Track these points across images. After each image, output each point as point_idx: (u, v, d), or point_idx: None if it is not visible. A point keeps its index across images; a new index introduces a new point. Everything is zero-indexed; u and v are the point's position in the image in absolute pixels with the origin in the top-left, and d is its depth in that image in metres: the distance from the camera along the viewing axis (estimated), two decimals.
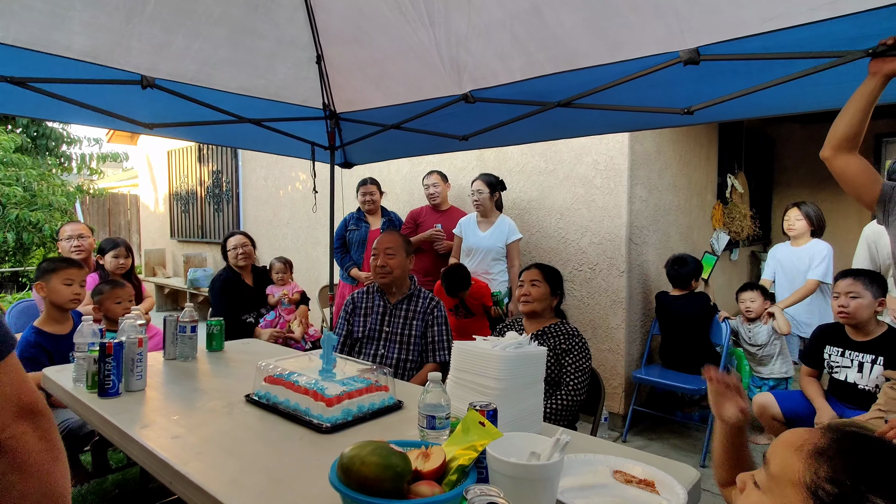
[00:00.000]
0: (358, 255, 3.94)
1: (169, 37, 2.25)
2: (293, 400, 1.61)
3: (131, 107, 2.53)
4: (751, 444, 3.06)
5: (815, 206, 3.68)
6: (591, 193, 3.64)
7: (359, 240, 3.94)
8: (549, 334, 2.21)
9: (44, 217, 6.24)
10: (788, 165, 6.98)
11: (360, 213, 4.04)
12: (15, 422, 0.68)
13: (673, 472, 1.24)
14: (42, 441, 0.71)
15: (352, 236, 3.97)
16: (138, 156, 9.47)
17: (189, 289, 6.88)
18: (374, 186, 4.01)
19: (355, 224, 3.99)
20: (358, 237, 3.94)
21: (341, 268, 4.00)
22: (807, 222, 3.60)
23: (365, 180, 4.04)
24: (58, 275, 2.32)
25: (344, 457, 1.00)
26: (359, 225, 3.98)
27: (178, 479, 1.24)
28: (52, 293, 2.33)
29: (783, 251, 3.78)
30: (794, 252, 3.67)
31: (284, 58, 2.62)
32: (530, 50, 2.10)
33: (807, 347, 2.75)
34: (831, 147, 1.63)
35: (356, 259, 3.95)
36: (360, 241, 3.94)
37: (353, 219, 4.01)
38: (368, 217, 4.02)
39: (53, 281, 2.31)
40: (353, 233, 3.97)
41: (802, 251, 3.60)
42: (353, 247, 3.97)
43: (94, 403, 1.69)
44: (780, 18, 1.60)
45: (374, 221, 4.02)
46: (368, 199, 3.98)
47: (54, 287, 2.32)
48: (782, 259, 3.75)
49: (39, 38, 2.00)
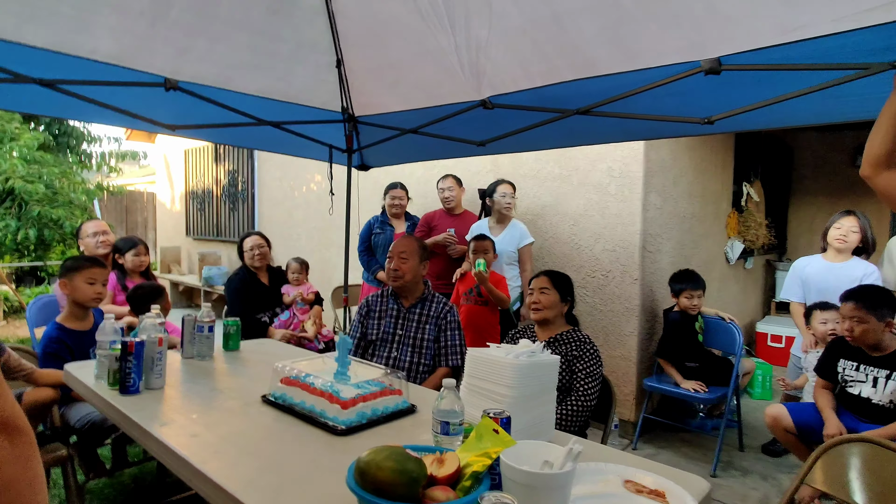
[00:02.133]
0: (384, 259, 3.97)
1: (192, 40, 2.29)
2: (309, 402, 1.63)
3: (154, 108, 2.58)
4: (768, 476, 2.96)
5: (867, 218, 3.16)
6: (606, 200, 3.64)
7: (384, 243, 3.96)
8: (561, 341, 2.22)
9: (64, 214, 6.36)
10: (806, 174, 6.91)
11: (384, 216, 4.07)
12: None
13: (684, 483, 1.24)
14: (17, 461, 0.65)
15: (377, 239, 4.00)
16: (156, 154, 9.61)
17: (203, 286, 6.96)
18: (402, 191, 4.06)
19: (380, 227, 4.02)
20: (383, 240, 3.96)
21: (367, 270, 4.03)
22: (860, 237, 3.08)
23: (394, 184, 4.08)
24: (81, 273, 2.38)
25: (361, 461, 1.02)
26: (384, 228, 4.01)
27: (198, 476, 1.27)
28: (76, 291, 2.38)
29: (815, 267, 3.23)
30: (831, 269, 3.14)
31: (304, 61, 2.65)
32: (550, 56, 2.10)
33: (822, 359, 2.68)
34: (870, 166, 1.56)
35: (382, 262, 3.98)
36: (386, 244, 3.95)
37: (378, 222, 4.05)
38: (393, 220, 4.06)
39: (77, 279, 2.37)
40: (378, 236, 4.00)
41: (844, 270, 3.09)
42: (378, 250, 3.99)
43: (116, 400, 1.73)
44: (803, 29, 1.59)
45: (399, 225, 4.06)
46: (397, 202, 4.02)
47: (77, 285, 2.37)
48: (813, 276, 3.21)
49: (67, 41, 2.05)
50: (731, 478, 3.07)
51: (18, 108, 2.61)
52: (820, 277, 3.19)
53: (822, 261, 3.25)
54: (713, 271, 4.77)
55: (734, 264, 5.19)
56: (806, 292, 3.28)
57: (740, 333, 3.43)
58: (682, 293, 3.44)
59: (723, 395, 3.27)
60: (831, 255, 3.21)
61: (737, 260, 5.14)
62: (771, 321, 5.51)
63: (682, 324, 3.44)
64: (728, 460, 3.28)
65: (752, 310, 5.91)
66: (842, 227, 3.14)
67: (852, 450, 1.57)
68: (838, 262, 3.16)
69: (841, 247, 3.13)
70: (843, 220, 3.16)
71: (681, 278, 3.50)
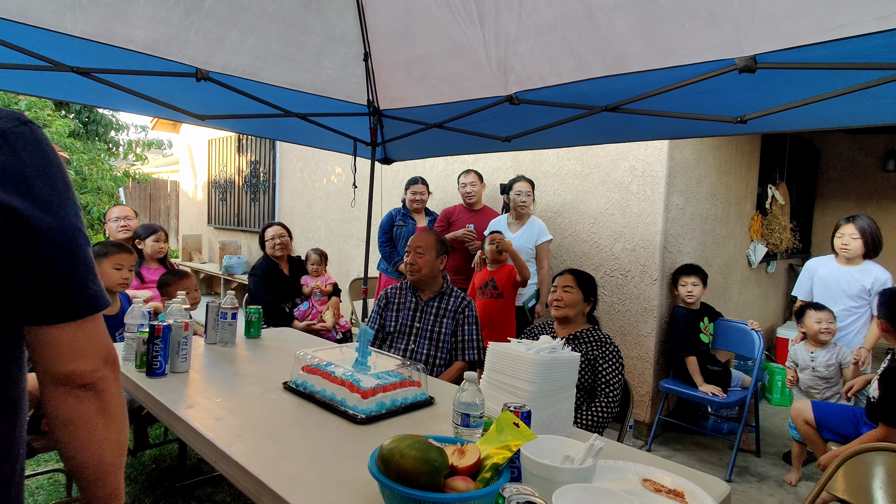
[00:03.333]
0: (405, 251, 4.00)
1: (224, 31, 2.33)
2: (329, 390, 1.66)
3: (184, 98, 2.63)
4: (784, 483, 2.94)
5: (871, 220, 3.15)
6: (627, 199, 3.61)
7: (406, 235, 3.98)
8: (581, 340, 2.22)
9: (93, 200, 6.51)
10: (833, 177, 6.77)
11: (405, 209, 4.10)
12: (104, 366, 0.76)
13: (702, 485, 1.24)
14: (118, 388, 0.79)
15: (399, 232, 4.03)
16: (180, 143, 9.76)
17: (224, 275, 7.07)
18: (423, 186, 4.08)
19: (402, 220, 4.05)
20: (406, 233, 3.99)
21: (388, 262, 4.06)
22: (862, 242, 3.10)
23: (416, 179, 4.10)
24: (109, 259, 2.44)
25: (384, 448, 1.04)
26: (406, 221, 4.04)
27: (223, 458, 1.30)
28: (103, 276, 2.43)
29: (828, 269, 3.26)
30: (842, 273, 3.17)
31: (333, 54, 2.68)
32: (580, 52, 2.09)
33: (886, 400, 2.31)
34: None
35: (402, 254, 4.00)
36: (408, 236, 3.97)
37: (400, 214, 4.08)
38: (414, 215, 4.09)
39: (105, 264, 2.43)
40: (400, 228, 4.03)
41: (855, 274, 3.13)
42: (399, 242, 4.02)
43: (143, 382, 1.78)
44: (845, 27, 1.54)
45: (420, 219, 4.09)
46: (418, 197, 4.04)
47: (105, 270, 2.43)
48: (826, 278, 3.24)
49: (103, 30, 2.10)
50: (747, 483, 3.04)
51: (54, 95, 2.68)
52: (830, 278, 3.22)
53: (835, 264, 3.25)
54: (734, 274, 4.71)
55: (756, 268, 5.12)
56: (815, 290, 3.30)
57: (761, 339, 3.39)
58: (678, 282, 3.48)
59: (739, 401, 3.24)
60: (842, 260, 3.22)
61: (759, 263, 5.06)
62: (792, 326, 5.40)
63: (687, 319, 3.44)
64: (744, 465, 3.25)
65: (772, 314, 5.83)
66: (843, 236, 3.16)
67: (876, 458, 1.55)
68: (850, 267, 3.17)
69: (846, 255, 3.16)
70: (843, 228, 3.17)
71: (682, 270, 3.53)
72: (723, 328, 3.60)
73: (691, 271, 3.48)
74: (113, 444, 0.78)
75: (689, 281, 3.43)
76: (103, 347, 0.76)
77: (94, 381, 0.75)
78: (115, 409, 0.78)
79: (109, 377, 0.77)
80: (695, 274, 3.46)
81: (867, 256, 3.15)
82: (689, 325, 3.43)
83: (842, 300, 3.16)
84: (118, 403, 0.79)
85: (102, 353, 0.76)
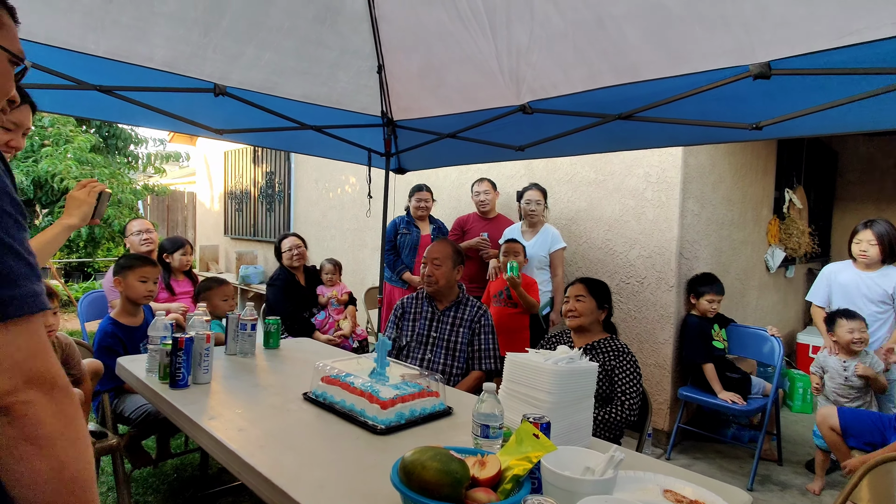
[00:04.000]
0: (410, 259, 4.01)
1: (241, 48, 2.38)
2: (349, 401, 1.68)
3: (203, 113, 2.68)
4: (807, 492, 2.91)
5: (889, 224, 3.10)
6: (642, 206, 3.60)
7: (411, 244, 4.01)
8: (599, 349, 2.21)
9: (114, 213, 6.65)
10: (852, 180, 6.67)
11: (409, 217, 4.11)
12: (25, 388, 0.66)
13: (724, 495, 1.23)
14: (57, 416, 0.68)
15: (403, 240, 4.04)
16: (197, 156, 9.91)
17: (241, 285, 7.15)
18: (428, 193, 4.09)
19: (406, 228, 4.05)
20: (410, 241, 4.01)
21: (392, 271, 4.07)
22: (879, 248, 3.06)
23: (420, 187, 4.10)
24: (135, 272, 2.49)
25: (406, 460, 1.05)
26: (410, 229, 4.05)
27: (247, 469, 1.32)
28: (129, 289, 2.49)
29: (847, 276, 3.22)
30: (862, 278, 3.13)
31: (347, 67, 2.72)
32: (592, 61, 2.10)
33: None
34: None
35: (408, 263, 4.02)
36: (413, 245, 4.00)
37: (404, 222, 4.08)
38: (418, 222, 4.10)
39: (130, 277, 2.48)
40: (404, 237, 4.03)
41: (876, 279, 3.09)
42: (404, 250, 4.03)
43: (166, 393, 1.81)
44: (861, 32, 1.53)
45: (424, 227, 4.09)
46: (423, 205, 4.05)
47: (131, 283, 2.48)
48: (846, 284, 3.20)
49: (125, 50, 2.16)
50: (769, 492, 2.99)
51: (79, 112, 2.76)
52: (850, 284, 3.18)
53: (854, 269, 3.22)
54: (752, 279, 4.66)
55: (775, 273, 5.05)
56: (833, 297, 3.27)
57: (781, 345, 3.34)
58: (705, 296, 3.44)
59: (760, 408, 3.20)
60: (861, 265, 3.18)
61: (777, 268, 5.00)
62: (813, 332, 5.33)
63: (699, 326, 3.42)
64: (766, 474, 3.20)
65: (792, 320, 5.74)
66: (861, 243, 3.13)
67: None
68: (869, 272, 3.14)
69: (864, 261, 3.13)
70: (861, 234, 3.14)
71: (704, 281, 3.49)
72: (742, 334, 3.56)
73: (713, 285, 3.45)
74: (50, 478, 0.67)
75: (716, 299, 3.42)
76: (22, 365, 0.65)
77: (8, 404, 0.64)
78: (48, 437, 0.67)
79: (36, 401, 0.66)
80: (720, 292, 3.45)
81: (885, 261, 3.12)
82: (701, 333, 3.40)
83: (865, 306, 3.11)
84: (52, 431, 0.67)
85: (21, 373, 0.65)
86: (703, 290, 3.46)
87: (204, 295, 2.90)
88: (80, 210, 1.58)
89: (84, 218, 1.59)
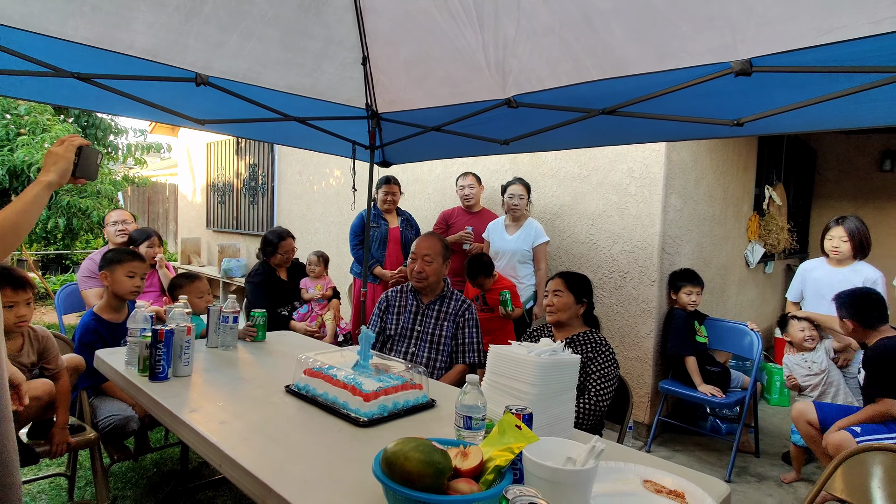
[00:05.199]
0: (379, 253, 3.98)
1: (224, 36, 2.34)
2: (332, 393, 1.67)
3: (184, 103, 2.64)
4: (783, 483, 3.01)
5: (859, 220, 3.21)
6: (625, 201, 3.63)
7: (379, 237, 3.96)
8: (578, 343, 2.23)
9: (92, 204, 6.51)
10: (830, 178, 6.81)
11: (376, 209, 4.03)
12: None
13: (702, 485, 1.25)
14: None
15: (372, 233, 3.96)
16: (179, 147, 9.76)
17: (223, 278, 7.07)
18: (395, 186, 4.06)
19: (375, 221, 3.98)
20: (378, 235, 3.97)
21: (359, 264, 4.01)
22: (850, 245, 3.15)
23: (387, 179, 4.05)
24: (122, 266, 2.44)
25: (388, 451, 1.05)
26: (378, 222, 4.00)
27: (228, 462, 1.31)
28: (115, 283, 2.45)
29: (820, 272, 3.30)
30: (834, 275, 3.20)
31: (332, 58, 2.69)
32: (578, 56, 2.10)
33: None
34: None
35: (378, 257, 3.99)
36: (382, 238, 3.96)
37: (371, 216, 4.05)
38: (386, 215, 4.06)
39: (118, 272, 2.43)
40: (373, 230, 3.96)
41: (845, 275, 3.15)
42: (373, 244, 3.97)
43: (146, 386, 1.78)
44: (840, 31, 1.56)
45: (392, 220, 4.07)
46: (390, 198, 4.02)
47: (118, 278, 2.43)
48: (819, 280, 3.28)
49: (105, 36, 2.11)
50: (746, 483, 3.05)
51: (56, 100, 2.69)
52: (822, 281, 3.27)
53: (826, 265, 3.31)
54: (732, 275, 4.73)
55: (754, 268, 5.14)
56: (807, 293, 3.37)
57: (759, 339, 3.41)
58: (682, 289, 3.52)
59: (738, 401, 3.26)
60: (834, 262, 3.27)
61: (757, 264, 5.09)
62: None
63: (686, 320, 3.47)
64: (743, 465, 3.27)
65: (770, 315, 5.85)
66: (833, 239, 3.22)
67: (875, 458, 1.56)
68: (841, 268, 3.22)
69: (836, 257, 3.22)
70: (833, 230, 3.23)
71: (680, 276, 3.57)
72: (721, 329, 3.62)
73: (694, 280, 3.53)
74: None
75: (694, 291, 3.49)
76: None
77: None
78: None
79: None
80: (698, 283, 3.52)
81: (856, 257, 3.21)
82: (687, 326, 3.45)
83: None
84: None
85: None
86: (681, 283, 3.53)
87: (173, 294, 2.85)
88: (56, 166, 1.45)
89: (62, 174, 1.46)
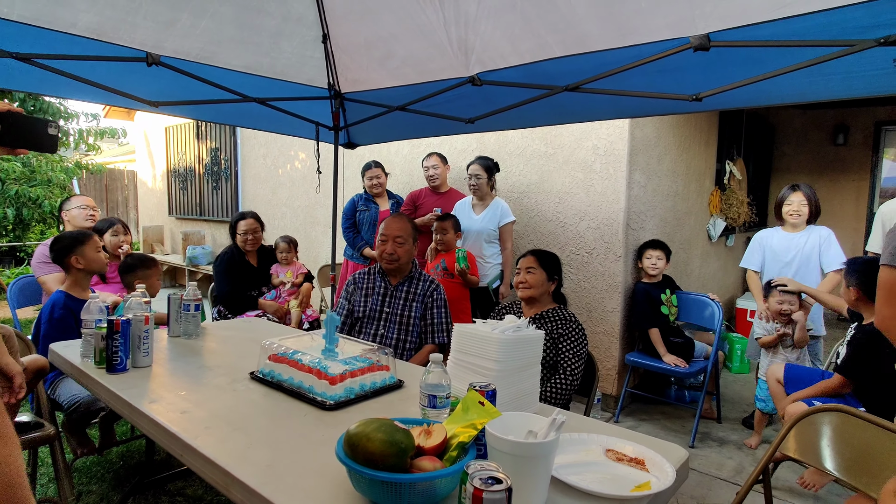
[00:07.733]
0: (369, 236, 4.00)
1: (175, 14, 2.24)
2: (297, 378, 1.65)
3: (136, 84, 2.53)
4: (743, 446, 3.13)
5: (810, 187, 3.40)
6: (591, 178, 3.66)
7: (370, 220, 4.01)
8: (547, 319, 2.26)
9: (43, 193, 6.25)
10: (787, 152, 7.00)
11: (367, 194, 4.09)
12: None
13: (663, 452, 1.29)
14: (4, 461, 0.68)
15: (362, 217, 4.03)
16: (135, 132, 9.41)
17: (188, 266, 6.91)
18: (379, 170, 4.05)
19: (365, 205, 4.05)
20: (369, 218, 4.01)
21: (352, 247, 4.06)
22: (808, 208, 3.32)
23: (370, 164, 4.07)
24: (88, 245, 2.45)
25: (350, 433, 1.05)
26: (368, 206, 4.04)
27: (189, 451, 1.29)
28: (91, 262, 2.46)
29: (777, 238, 3.45)
30: (791, 239, 3.38)
31: (290, 36, 2.61)
32: (540, 32, 2.10)
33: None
34: None
35: (368, 239, 4.00)
36: (371, 221, 4.00)
37: (362, 199, 4.07)
38: (377, 199, 4.08)
39: (88, 250, 2.44)
40: (363, 213, 4.03)
41: (801, 238, 3.34)
42: (363, 227, 4.04)
43: (103, 378, 1.73)
44: (794, 5, 1.59)
45: (383, 203, 4.09)
46: (375, 182, 4.03)
47: (90, 256, 2.44)
48: (777, 247, 3.43)
49: (44, 14, 2.00)
50: (708, 448, 3.17)
51: None
52: (780, 246, 3.43)
53: (783, 232, 3.47)
54: (695, 248, 4.85)
55: (716, 242, 5.28)
56: (767, 261, 3.51)
57: (721, 310, 3.51)
58: (643, 254, 3.62)
59: (701, 370, 3.37)
60: (789, 228, 3.43)
61: (718, 237, 5.22)
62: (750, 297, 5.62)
63: (647, 293, 3.56)
64: (706, 431, 3.39)
65: (732, 286, 6.04)
66: (793, 203, 3.37)
67: (825, 419, 1.63)
68: (797, 233, 3.40)
69: (796, 221, 3.37)
70: (791, 196, 3.39)
71: (646, 244, 3.68)
72: (685, 300, 3.72)
73: (656, 245, 3.62)
74: None
75: (654, 254, 3.57)
76: None
77: None
78: None
79: None
80: (659, 248, 3.60)
81: (810, 221, 3.39)
82: (649, 299, 3.54)
83: (801, 268, 3.35)
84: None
85: None
86: (643, 249, 3.64)
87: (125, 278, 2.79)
88: None
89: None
